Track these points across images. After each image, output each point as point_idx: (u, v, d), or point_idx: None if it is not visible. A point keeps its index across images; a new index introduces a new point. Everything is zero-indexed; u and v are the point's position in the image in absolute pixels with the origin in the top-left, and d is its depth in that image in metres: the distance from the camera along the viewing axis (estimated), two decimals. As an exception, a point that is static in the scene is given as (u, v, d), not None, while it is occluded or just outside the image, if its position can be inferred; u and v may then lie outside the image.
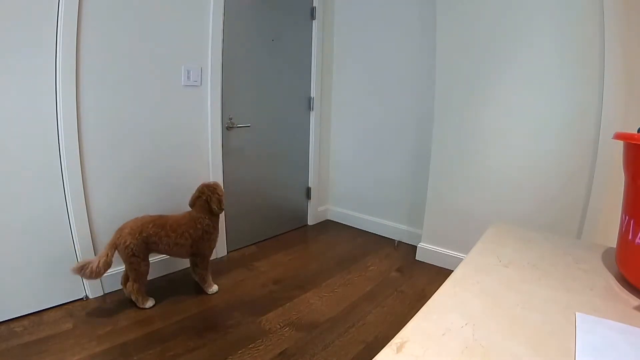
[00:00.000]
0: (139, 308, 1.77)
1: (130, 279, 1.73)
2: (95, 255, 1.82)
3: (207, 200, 1.82)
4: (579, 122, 1.81)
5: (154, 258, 1.91)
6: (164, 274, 2.14)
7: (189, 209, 1.89)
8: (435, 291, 0.61)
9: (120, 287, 1.86)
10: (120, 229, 1.70)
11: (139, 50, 1.86)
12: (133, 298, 1.76)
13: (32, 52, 1.53)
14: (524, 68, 1.92)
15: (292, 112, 2.83)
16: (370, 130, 2.86)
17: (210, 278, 1.97)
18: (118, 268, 1.91)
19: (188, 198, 1.90)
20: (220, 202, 1.85)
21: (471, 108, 2.13)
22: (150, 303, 1.79)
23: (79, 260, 1.78)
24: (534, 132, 1.94)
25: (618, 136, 0.61)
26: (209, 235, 1.86)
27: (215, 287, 1.98)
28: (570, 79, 1.80)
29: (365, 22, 2.77)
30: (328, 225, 3.13)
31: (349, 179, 3.09)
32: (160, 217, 1.80)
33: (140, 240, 1.68)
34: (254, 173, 2.60)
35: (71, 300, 1.80)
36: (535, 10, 1.85)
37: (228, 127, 2.35)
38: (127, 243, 1.65)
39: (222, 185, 2.01)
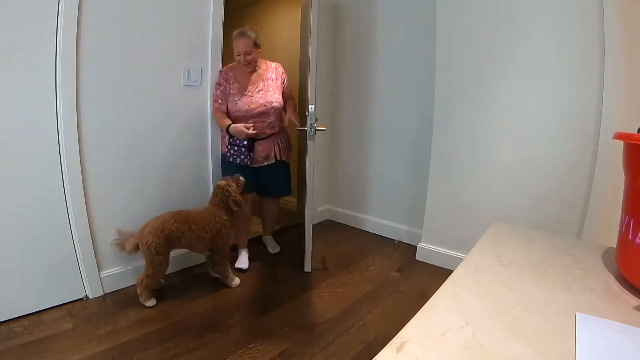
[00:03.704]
0: (139, 308, 1.77)
1: (144, 272, 1.75)
2: (95, 255, 1.82)
3: (221, 200, 1.88)
4: (579, 122, 1.80)
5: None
6: (164, 274, 2.13)
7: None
8: (435, 291, 0.61)
9: (120, 287, 1.86)
10: (141, 229, 1.72)
11: (139, 50, 1.86)
12: (138, 291, 1.76)
13: (32, 52, 1.53)
14: (523, 66, 1.92)
15: (292, 112, 2.82)
16: (370, 130, 2.86)
17: (231, 272, 2.01)
18: (118, 268, 1.92)
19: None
20: (235, 200, 1.89)
21: (471, 107, 2.13)
22: (151, 302, 1.79)
23: (79, 260, 1.78)
24: (534, 132, 1.94)
25: (618, 136, 0.61)
26: (226, 230, 1.90)
27: (237, 280, 2.02)
28: (570, 77, 1.80)
29: (365, 21, 2.77)
30: (328, 225, 3.13)
31: (349, 179, 3.09)
32: (180, 212, 1.83)
33: (162, 238, 1.70)
34: (254, 173, 2.60)
35: (71, 300, 1.80)
36: (535, 9, 1.85)
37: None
38: (150, 242, 1.67)
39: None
